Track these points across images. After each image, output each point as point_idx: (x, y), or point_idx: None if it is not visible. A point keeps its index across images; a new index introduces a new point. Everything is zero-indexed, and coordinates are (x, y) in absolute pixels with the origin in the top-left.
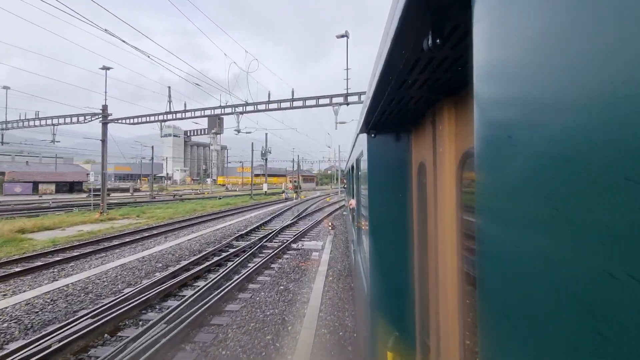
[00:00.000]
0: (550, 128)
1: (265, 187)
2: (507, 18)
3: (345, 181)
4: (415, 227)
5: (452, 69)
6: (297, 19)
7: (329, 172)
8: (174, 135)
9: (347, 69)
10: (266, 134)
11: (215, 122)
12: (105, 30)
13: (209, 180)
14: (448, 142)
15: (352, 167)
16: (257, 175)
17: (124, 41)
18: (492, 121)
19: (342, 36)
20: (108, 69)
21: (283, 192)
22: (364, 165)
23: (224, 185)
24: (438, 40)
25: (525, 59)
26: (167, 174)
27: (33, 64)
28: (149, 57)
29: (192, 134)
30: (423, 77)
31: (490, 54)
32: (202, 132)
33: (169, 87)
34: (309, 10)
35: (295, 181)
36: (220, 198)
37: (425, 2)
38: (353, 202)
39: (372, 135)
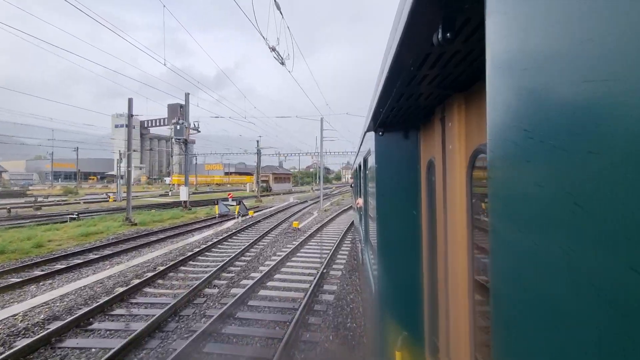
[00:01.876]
0: (570, 121)
1: (183, 194)
2: (522, 8)
3: (352, 179)
4: (425, 225)
5: (463, 64)
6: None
7: (312, 169)
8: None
9: None
10: (186, 94)
11: (177, 111)
12: None
13: (167, 179)
14: (458, 139)
15: (360, 165)
16: (229, 173)
17: None
18: (508, 116)
19: None
20: None
21: (216, 203)
22: (371, 163)
23: (178, 185)
24: (449, 34)
25: (542, 51)
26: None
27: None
28: None
29: (150, 124)
30: (433, 73)
31: (504, 46)
32: (162, 123)
33: None
34: (296, 6)
35: (263, 181)
36: (74, 217)
37: None
38: (361, 200)
39: (380, 133)
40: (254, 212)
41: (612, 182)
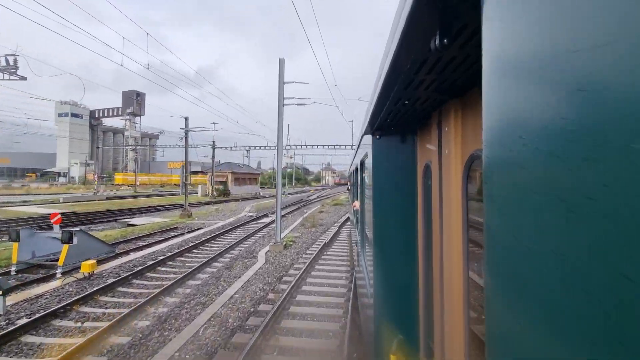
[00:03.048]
0: (565, 128)
1: None
2: (518, 15)
3: (349, 183)
4: (420, 229)
5: (459, 70)
6: (264, 16)
7: (288, 169)
8: (73, 115)
9: None
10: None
11: (133, 100)
12: None
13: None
14: (454, 144)
15: (356, 168)
16: (195, 172)
17: None
18: (503, 121)
19: None
20: None
21: (16, 238)
22: (368, 166)
23: (121, 185)
24: (446, 40)
25: (537, 57)
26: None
27: None
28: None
29: (101, 114)
30: (430, 78)
31: (500, 52)
32: (116, 113)
33: None
34: (274, 8)
35: (220, 182)
36: None
37: (434, 0)
38: (357, 203)
39: (377, 136)
40: (144, 244)
41: (605, 189)
